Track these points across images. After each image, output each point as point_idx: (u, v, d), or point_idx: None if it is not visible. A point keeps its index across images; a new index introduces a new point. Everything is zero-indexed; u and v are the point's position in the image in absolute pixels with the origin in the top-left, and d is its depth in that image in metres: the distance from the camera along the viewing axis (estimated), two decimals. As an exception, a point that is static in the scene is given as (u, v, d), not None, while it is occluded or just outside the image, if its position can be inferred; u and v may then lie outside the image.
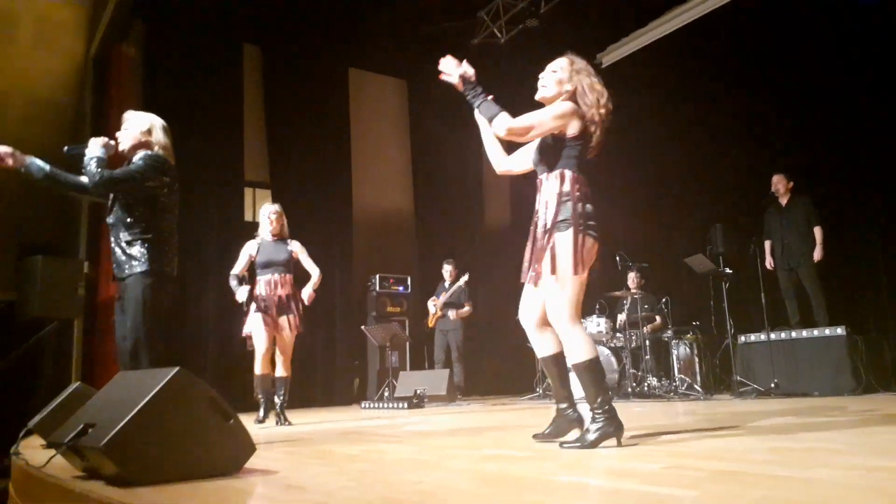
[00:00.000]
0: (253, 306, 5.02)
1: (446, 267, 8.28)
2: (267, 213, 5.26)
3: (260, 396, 5.08)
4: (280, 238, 5.23)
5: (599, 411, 2.60)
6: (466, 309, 8.03)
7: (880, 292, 6.38)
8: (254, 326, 5.04)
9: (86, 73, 7.60)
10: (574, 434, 2.76)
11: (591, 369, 2.64)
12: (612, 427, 2.59)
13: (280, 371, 5.09)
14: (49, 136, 7.93)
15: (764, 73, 7.31)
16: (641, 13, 8.16)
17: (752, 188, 7.13)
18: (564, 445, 2.61)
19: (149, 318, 3.07)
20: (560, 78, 2.84)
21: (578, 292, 2.64)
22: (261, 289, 5.09)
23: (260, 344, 5.02)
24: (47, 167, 3.18)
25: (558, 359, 2.87)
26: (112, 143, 3.23)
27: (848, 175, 6.71)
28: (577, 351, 2.64)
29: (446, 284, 8.20)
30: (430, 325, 8.12)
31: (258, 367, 5.04)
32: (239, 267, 5.18)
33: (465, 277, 7.95)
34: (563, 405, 2.91)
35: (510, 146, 3.03)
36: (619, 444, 2.59)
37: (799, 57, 7.00)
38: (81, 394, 3.55)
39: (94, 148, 3.16)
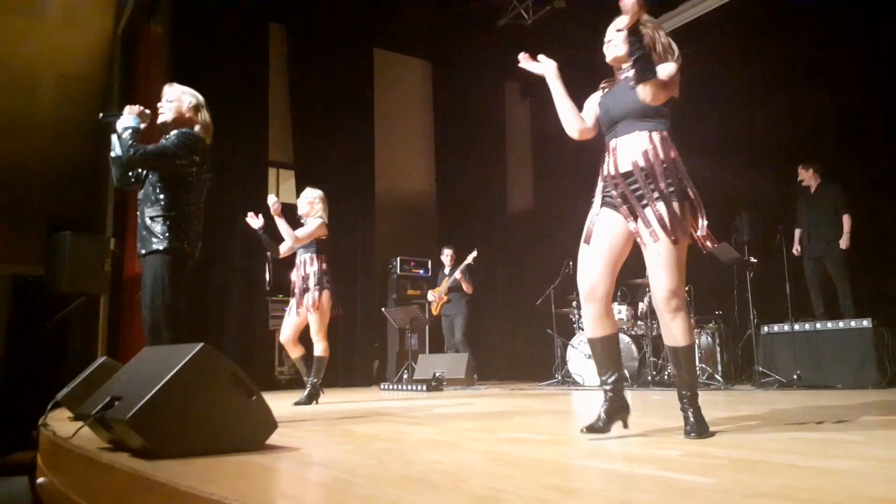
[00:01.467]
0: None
1: (446, 252, 8.27)
2: (300, 197, 5.34)
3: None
4: (309, 220, 5.26)
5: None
6: (468, 283, 7.94)
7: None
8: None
9: (114, 49, 7.67)
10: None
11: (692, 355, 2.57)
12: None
13: (315, 348, 5.13)
14: (78, 110, 8.06)
15: (795, 59, 7.17)
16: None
17: (780, 176, 7.02)
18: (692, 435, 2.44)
19: (167, 295, 3.09)
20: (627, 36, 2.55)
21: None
22: (294, 272, 5.18)
23: (284, 325, 5.13)
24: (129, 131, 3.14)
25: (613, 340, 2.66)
26: (147, 112, 3.24)
27: (880, 163, 6.58)
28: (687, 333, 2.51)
29: (446, 270, 8.18)
30: (435, 312, 8.11)
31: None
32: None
33: (474, 254, 7.85)
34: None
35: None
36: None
37: (830, 41, 6.85)
38: (108, 368, 3.61)
39: (129, 117, 3.16)
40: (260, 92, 8.50)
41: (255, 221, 5.07)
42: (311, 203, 5.23)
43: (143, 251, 3.18)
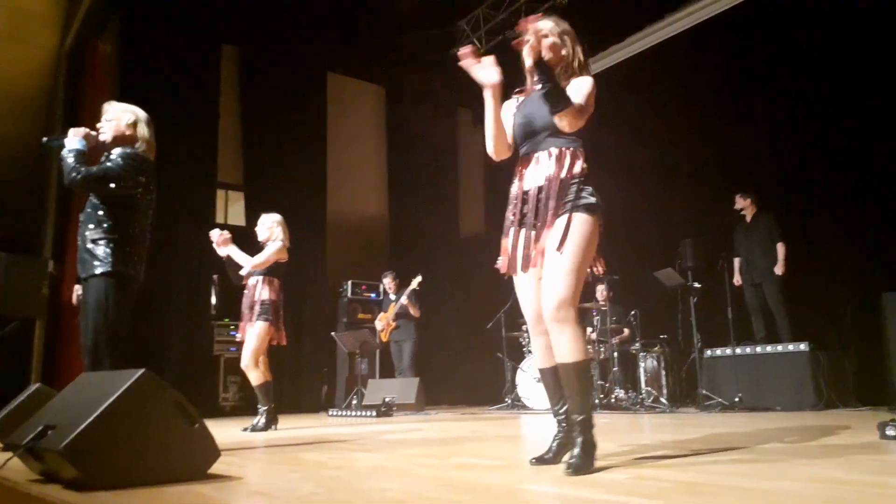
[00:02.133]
0: None
1: (385, 280, 8.27)
2: (259, 223, 5.28)
3: None
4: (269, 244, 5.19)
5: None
6: (417, 306, 7.90)
7: (842, 309, 6.52)
8: None
9: (59, 67, 7.48)
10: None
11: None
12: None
13: (251, 378, 5.03)
14: (18, 128, 7.80)
15: (738, 89, 7.46)
16: (618, 29, 8.28)
17: (722, 204, 7.25)
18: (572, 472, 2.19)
19: (110, 320, 3.00)
20: (554, 42, 2.55)
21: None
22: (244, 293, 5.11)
23: (242, 354, 5.04)
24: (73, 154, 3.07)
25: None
26: (93, 133, 3.16)
27: (812, 191, 6.86)
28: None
29: (391, 297, 8.15)
30: (384, 339, 8.06)
31: None
32: None
33: (419, 279, 7.82)
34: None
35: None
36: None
37: (765, 75, 7.17)
38: (41, 395, 3.47)
39: (74, 140, 3.09)
40: (210, 112, 8.40)
41: (220, 250, 4.98)
42: (269, 228, 5.18)
43: (84, 274, 3.08)
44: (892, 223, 6.09)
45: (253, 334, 4.95)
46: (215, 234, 4.93)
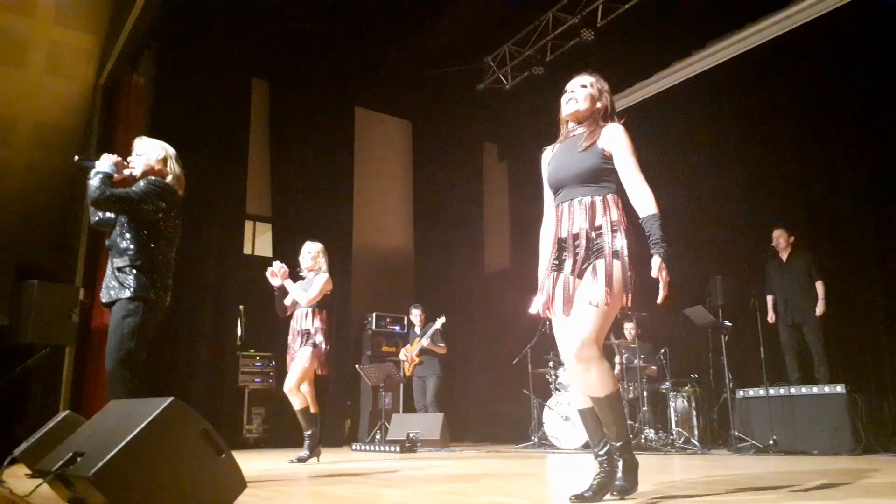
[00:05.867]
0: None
1: (414, 311, 8.16)
2: (302, 251, 5.39)
3: None
4: (311, 275, 5.31)
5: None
6: (441, 345, 7.85)
7: (880, 350, 6.33)
8: None
9: (95, 99, 7.67)
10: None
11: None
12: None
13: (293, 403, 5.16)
14: (53, 158, 7.99)
15: (767, 127, 7.41)
16: (646, 66, 8.30)
17: (752, 241, 7.15)
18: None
19: (130, 345, 3.02)
20: (592, 94, 2.73)
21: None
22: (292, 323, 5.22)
23: (287, 378, 5.13)
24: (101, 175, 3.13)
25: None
26: (124, 163, 3.23)
27: (848, 230, 6.73)
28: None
29: (417, 330, 8.08)
30: (408, 373, 7.97)
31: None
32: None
33: (442, 320, 7.81)
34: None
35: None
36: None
37: (803, 111, 7.11)
38: (71, 422, 3.46)
39: (104, 163, 3.16)
40: (240, 145, 8.54)
41: (275, 280, 5.09)
42: (314, 257, 5.28)
43: (108, 300, 3.13)
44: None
45: (300, 359, 5.05)
46: (277, 266, 5.07)
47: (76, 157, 3.34)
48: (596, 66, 2.82)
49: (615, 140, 2.60)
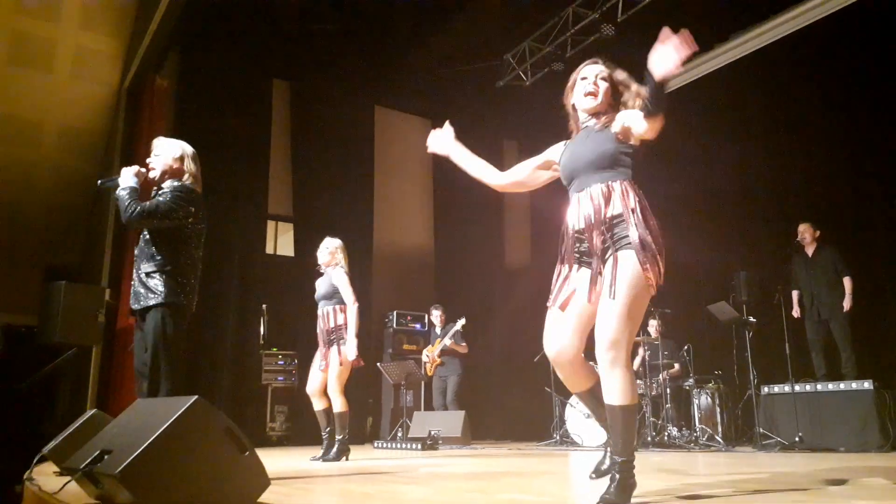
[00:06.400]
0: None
1: (435, 312, 8.16)
2: (320, 246, 5.37)
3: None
4: (329, 270, 5.27)
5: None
6: (463, 344, 7.86)
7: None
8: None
9: (119, 102, 7.78)
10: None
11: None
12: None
13: (333, 405, 5.11)
14: (79, 161, 8.12)
15: (792, 120, 7.30)
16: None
17: (776, 236, 7.06)
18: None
19: (167, 350, 3.07)
20: (625, 79, 2.60)
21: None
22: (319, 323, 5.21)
23: (311, 377, 5.17)
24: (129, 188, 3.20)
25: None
26: (143, 170, 3.28)
27: (874, 225, 6.62)
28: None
29: (437, 330, 8.08)
30: (430, 374, 7.98)
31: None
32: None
33: (462, 321, 7.79)
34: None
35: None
36: None
37: (829, 104, 6.99)
38: (97, 421, 3.52)
39: (127, 178, 3.19)
40: (262, 145, 8.61)
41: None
42: (332, 253, 5.28)
43: (138, 306, 3.17)
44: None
45: (336, 360, 5.04)
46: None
47: (98, 182, 3.40)
48: (617, 62, 2.73)
49: (625, 113, 2.46)
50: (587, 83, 2.59)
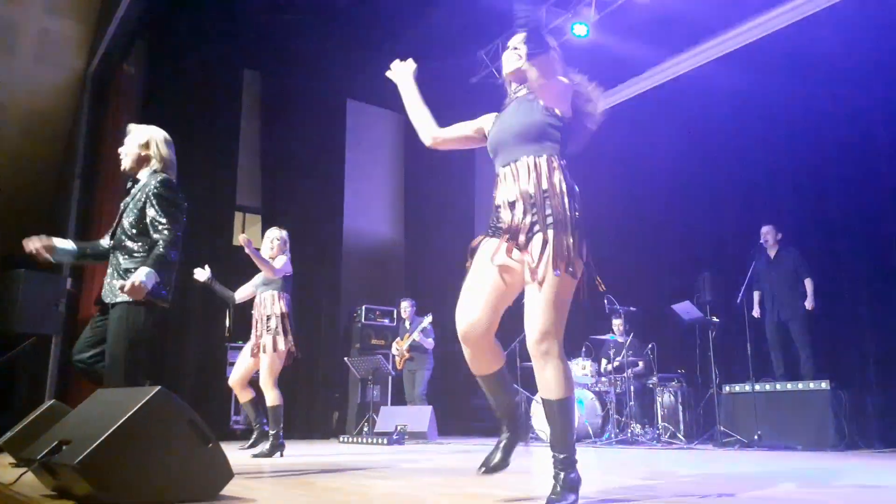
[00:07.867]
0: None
1: (404, 304, 8.13)
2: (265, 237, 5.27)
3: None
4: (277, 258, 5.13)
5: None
6: (429, 340, 7.86)
7: (865, 347, 6.38)
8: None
9: (84, 88, 7.60)
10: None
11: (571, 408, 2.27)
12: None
13: (266, 398, 4.88)
14: (44, 147, 7.92)
15: (758, 124, 7.44)
16: (638, 62, 8.30)
17: (740, 237, 7.19)
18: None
19: (133, 345, 2.96)
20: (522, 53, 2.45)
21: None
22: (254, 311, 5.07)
23: (235, 367, 5.06)
24: (73, 247, 3.18)
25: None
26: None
27: (834, 228, 6.77)
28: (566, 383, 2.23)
29: (406, 324, 8.07)
30: (399, 367, 7.96)
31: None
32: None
33: (429, 318, 7.78)
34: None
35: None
36: None
37: (790, 108, 7.13)
38: (56, 412, 3.44)
39: (146, 279, 2.92)
40: (230, 136, 8.51)
41: (202, 273, 5.07)
42: (272, 242, 5.17)
43: (111, 300, 3.02)
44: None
45: (271, 348, 4.82)
46: (244, 237, 4.81)
47: (52, 259, 3.28)
48: (588, 62, 2.74)
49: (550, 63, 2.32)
50: (510, 50, 2.56)
